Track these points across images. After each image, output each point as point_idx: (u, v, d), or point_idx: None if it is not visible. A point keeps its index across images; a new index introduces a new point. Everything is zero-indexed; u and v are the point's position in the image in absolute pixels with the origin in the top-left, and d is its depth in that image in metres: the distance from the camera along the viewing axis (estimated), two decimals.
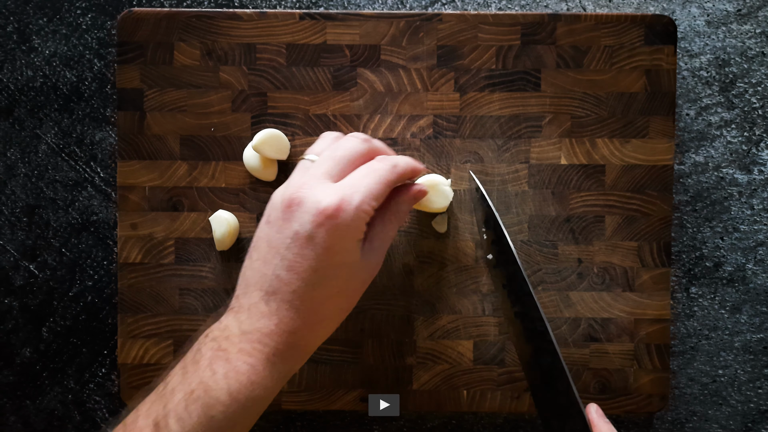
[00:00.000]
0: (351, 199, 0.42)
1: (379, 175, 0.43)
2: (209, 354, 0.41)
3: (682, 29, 0.55)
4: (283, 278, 0.41)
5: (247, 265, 0.44)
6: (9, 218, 0.55)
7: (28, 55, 0.55)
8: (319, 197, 0.42)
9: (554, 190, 0.53)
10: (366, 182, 0.43)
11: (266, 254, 0.42)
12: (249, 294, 0.42)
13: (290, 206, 0.42)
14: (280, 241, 0.42)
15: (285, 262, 0.41)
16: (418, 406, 0.53)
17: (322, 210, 0.41)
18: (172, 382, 0.41)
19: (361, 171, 0.44)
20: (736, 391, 0.55)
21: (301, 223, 0.41)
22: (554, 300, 0.53)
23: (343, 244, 0.42)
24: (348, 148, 0.44)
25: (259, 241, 0.43)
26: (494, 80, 0.53)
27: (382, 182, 0.43)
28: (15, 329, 0.55)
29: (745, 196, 0.55)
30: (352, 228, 0.42)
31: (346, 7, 0.55)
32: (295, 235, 0.41)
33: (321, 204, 0.41)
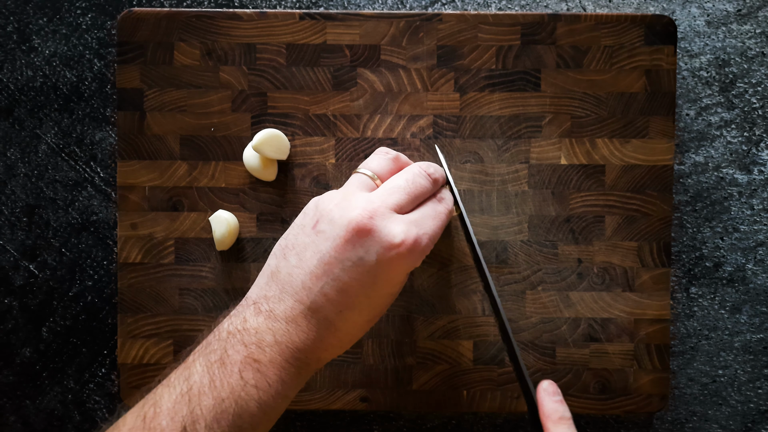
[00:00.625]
0: (421, 240, 0.41)
1: (442, 221, 0.44)
2: (239, 358, 0.39)
3: (682, 29, 0.55)
4: (331, 298, 0.41)
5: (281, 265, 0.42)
6: (9, 218, 0.55)
7: (28, 55, 0.55)
8: (394, 233, 0.41)
9: (554, 190, 0.53)
10: (433, 225, 0.43)
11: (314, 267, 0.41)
12: (285, 302, 0.41)
13: (359, 232, 0.40)
14: (336, 261, 0.41)
15: (338, 283, 0.40)
16: (418, 406, 0.53)
17: (396, 246, 0.40)
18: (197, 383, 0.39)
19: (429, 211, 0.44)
20: (736, 392, 0.55)
21: (367, 252, 0.40)
22: (554, 300, 0.53)
23: (400, 278, 0.42)
24: (423, 189, 0.44)
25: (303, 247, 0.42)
26: (494, 80, 0.53)
27: (443, 227, 0.44)
28: (15, 329, 0.55)
29: (745, 197, 0.55)
30: (413, 265, 0.42)
31: (346, 7, 0.55)
32: (358, 261, 0.40)
33: (394, 240, 0.40)
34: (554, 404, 0.43)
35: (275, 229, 0.53)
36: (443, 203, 0.45)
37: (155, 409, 0.38)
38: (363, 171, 0.44)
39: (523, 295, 0.53)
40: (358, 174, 0.45)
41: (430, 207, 0.44)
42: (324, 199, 0.43)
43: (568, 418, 0.43)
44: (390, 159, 0.46)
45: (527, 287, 0.53)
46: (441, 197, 0.45)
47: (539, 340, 0.53)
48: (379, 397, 0.53)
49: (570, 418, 0.43)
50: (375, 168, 0.45)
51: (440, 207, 0.44)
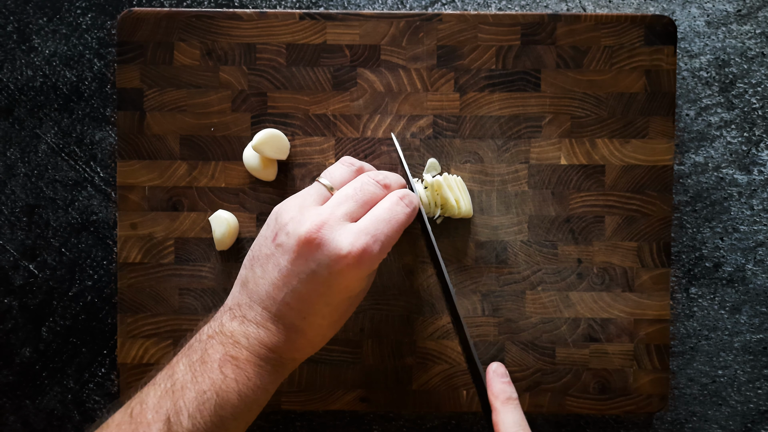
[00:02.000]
0: (372, 248, 0.42)
1: (398, 222, 0.44)
2: (218, 357, 0.42)
3: (682, 29, 0.55)
4: (293, 307, 0.43)
5: (249, 276, 0.44)
6: (9, 218, 0.55)
7: (28, 54, 0.55)
8: (341, 244, 0.42)
9: (554, 191, 0.53)
10: (387, 230, 0.43)
11: (275, 279, 0.43)
12: (254, 309, 0.44)
13: (308, 244, 0.42)
14: (293, 274, 0.42)
15: (297, 293, 0.43)
16: (418, 406, 0.53)
17: (343, 257, 0.42)
18: (180, 380, 0.42)
19: (383, 215, 0.44)
20: (736, 392, 0.55)
21: (319, 265, 0.42)
22: (554, 300, 0.53)
23: (357, 283, 0.43)
24: (372, 194, 0.45)
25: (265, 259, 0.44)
26: (494, 80, 0.53)
27: (399, 229, 0.44)
28: (15, 329, 0.55)
29: (744, 197, 0.55)
30: (368, 271, 0.43)
31: (346, 7, 0.55)
32: (311, 274, 0.42)
33: (342, 251, 0.42)
34: (502, 385, 0.46)
35: None
36: (400, 204, 0.44)
37: (141, 406, 0.41)
38: (322, 181, 0.46)
39: (522, 295, 0.53)
40: (317, 184, 0.46)
41: (386, 209, 0.44)
42: (282, 211, 0.44)
43: (515, 399, 0.46)
44: (353, 170, 0.47)
45: (527, 287, 0.53)
46: (402, 196, 0.45)
47: (539, 341, 0.53)
48: (379, 397, 0.53)
49: (516, 398, 0.46)
50: (335, 177, 0.46)
51: (398, 208, 0.44)
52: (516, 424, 0.45)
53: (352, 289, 0.43)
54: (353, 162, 0.47)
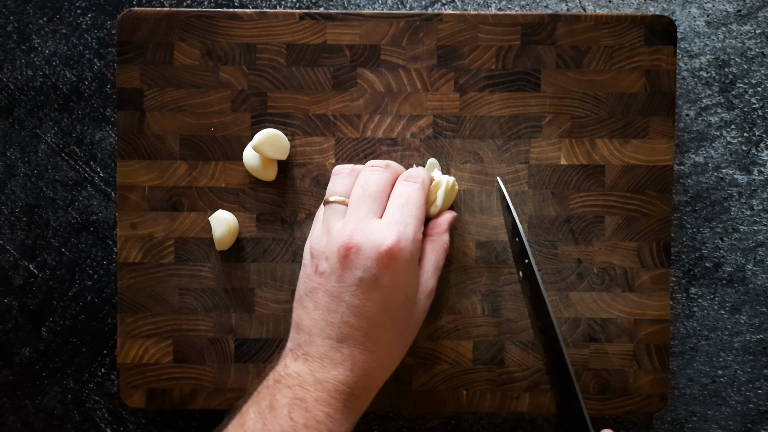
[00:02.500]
0: (406, 234, 0.43)
1: (415, 200, 0.44)
2: (286, 402, 0.41)
3: (682, 30, 0.55)
4: (353, 324, 0.42)
5: (302, 314, 0.44)
6: (9, 218, 0.55)
7: (28, 54, 0.55)
8: (377, 240, 0.42)
9: (554, 191, 0.53)
10: (410, 212, 0.44)
11: (328, 303, 0.43)
12: (315, 343, 0.43)
13: (347, 256, 0.42)
14: (343, 289, 0.42)
15: (353, 309, 0.42)
16: (418, 407, 0.53)
17: (384, 252, 0.42)
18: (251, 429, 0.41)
19: (399, 200, 0.44)
20: (736, 392, 0.55)
21: (364, 269, 0.42)
22: (554, 300, 0.53)
23: (407, 279, 0.43)
24: (377, 182, 0.45)
25: (313, 291, 0.44)
26: (494, 80, 0.53)
27: (420, 206, 0.45)
28: (14, 329, 0.55)
29: (744, 197, 0.55)
30: (412, 261, 0.43)
31: (346, 7, 0.55)
32: (359, 282, 0.42)
33: (382, 246, 0.42)
34: None
35: (275, 229, 0.53)
36: (409, 185, 0.45)
37: None
38: (332, 199, 0.46)
39: (522, 296, 0.53)
40: (329, 205, 0.46)
41: (400, 195, 0.45)
42: (313, 243, 0.45)
43: None
44: (350, 175, 0.47)
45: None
46: (407, 177, 0.46)
47: None
48: (379, 397, 0.53)
49: None
50: (340, 190, 0.46)
51: (407, 189, 0.45)
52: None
53: (404, 288, 0.43)
54: (344, 167, 0.48)
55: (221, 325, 0.53)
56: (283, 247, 0.53)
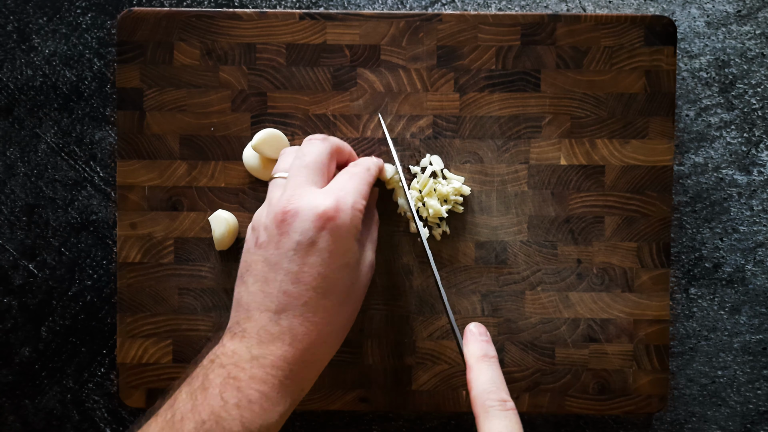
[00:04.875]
0: (345, 199, 0.43)
1: (360, 178, 0.45)
2: (219, 381, 0.39)
3: (682, 30, 0.55)
4: (291, 292, 0.41)
5: (242, 290, 0.43)
6: (8, 217, 0.55)
7: (28, 54, 0.55)
8: (315, 202, 0.42)
9: (554, 191, 0.53)
10: (352, 184, 0.44)
11: (266, 274, 0.41)
12: (253, 318, 0.41)
13: (284, 219, 0.42)
14: (281, 256, 0.41)
15: (290, 275, 0.41)
16: (417, 407, 0.53)
17: (322, 213, 0.41)
18: (180, 409, 0.39)
19: (343, 176, 0.45)
20: (735, 392, 0.55)
21: (301, 232, 0.41)
22: (553, 300, 0.53)
23: (346, 245, 0.42)
24: (314, 152, 0.45)
25: (252, 264, 0.43)
26: (494, 80, 0.53)
27: (365, 183, 0.45)
28: (14, 328, 0.55)
29: (744, 197, 0.55)
30: (351, 227, 0.42)
31: (346, 7, 0.55)
32: (297, 246, 0.41)
33: (319, 208, 0.41)
34: (479, 343, 0.43)
35: None
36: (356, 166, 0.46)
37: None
38: (278, 175, 0.46)
39: (522, 296, 0.53)
40: (274, 179, 0.46)
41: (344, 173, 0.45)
42: (254, 218, 0.45)
43: (491, 357, 0.43)
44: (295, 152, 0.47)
45: (527, 287, 0.53)
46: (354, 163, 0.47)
47: (538, 341, 0.53)
48: (379, 398, 0.53)
49: (494, 356, 0.43)
50: (285, 167, 0.46)
51: (354, 169, 0.46)
52: (490, 382, 0.41)
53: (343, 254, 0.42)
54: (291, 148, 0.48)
55: (221, 324, 0.53)
56: None
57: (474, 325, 0.45)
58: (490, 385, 0.41)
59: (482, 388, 0.41)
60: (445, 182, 0.52)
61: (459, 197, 0.52)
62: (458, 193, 0.52)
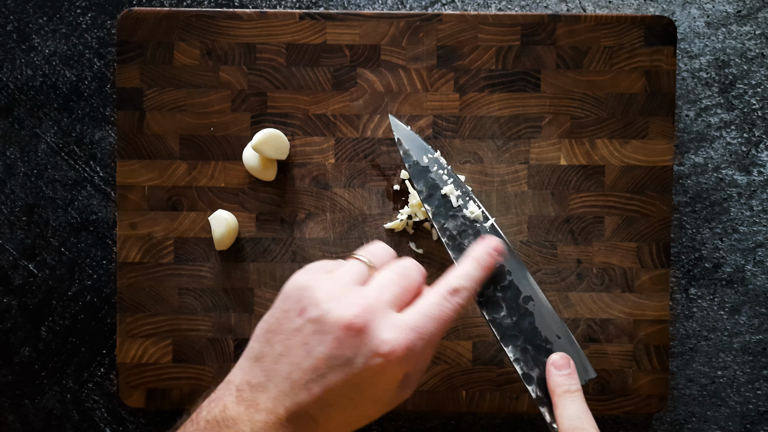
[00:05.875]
0: (415, 347, 0.38)
1: (446, 321, 0.40)
2: None
3: (682, 30, 0.55)
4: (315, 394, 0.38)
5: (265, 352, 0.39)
6: (8, 217, 0.55)
7: (28, 54, 0.55)
8: (386, 336, 0.38)
9: (554, 191, 0.53)
10: (433, 329, 0.39)
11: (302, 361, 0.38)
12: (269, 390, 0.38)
13: (351, 330, 0.38)
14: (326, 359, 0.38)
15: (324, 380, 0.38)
16: (417, 407, 0.53)
17: (385, 354, 0.38)
18: None
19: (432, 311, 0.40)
20: (735, 392, 0.55)
21: (357, 354, 0.38)
22: (553, 300, 0.53)
23: (389, 385, 0.40)
24: (412, 278, 0.41)
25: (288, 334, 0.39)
26: (494, 81, 0.53)
27: (445, 329, 0.40)
28: (14, 328, 0.55)
29: (744, 198, 0.55)
30: (404, 372, 0.39)
31: (346, 7, 0.55)
32: (347, 362, 0.38)
33: (386, 345, 0.38)
34: (560, 378, 0.43)
35: (274, 229, 0.53)
36: (454, 297, 0.41)
37: None
38: (362, 257, 0.42)
39: None
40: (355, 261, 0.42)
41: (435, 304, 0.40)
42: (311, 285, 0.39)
43: (575, 390, 0.43)
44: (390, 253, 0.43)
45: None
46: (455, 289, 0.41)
47: None
48: None
49: (578, 390, 0.43)
50: (376, 256, 0.42)
51: (447, 304, 0.40)
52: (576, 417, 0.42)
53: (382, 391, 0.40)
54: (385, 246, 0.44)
55: (221, 324, 0.53)
56: (282, 247, 0.53)
57: (557, 356, 0.44)
58: (577, 421, 0.42)
59: (569, 424, 0.42)
60: None
61: None
62: None
